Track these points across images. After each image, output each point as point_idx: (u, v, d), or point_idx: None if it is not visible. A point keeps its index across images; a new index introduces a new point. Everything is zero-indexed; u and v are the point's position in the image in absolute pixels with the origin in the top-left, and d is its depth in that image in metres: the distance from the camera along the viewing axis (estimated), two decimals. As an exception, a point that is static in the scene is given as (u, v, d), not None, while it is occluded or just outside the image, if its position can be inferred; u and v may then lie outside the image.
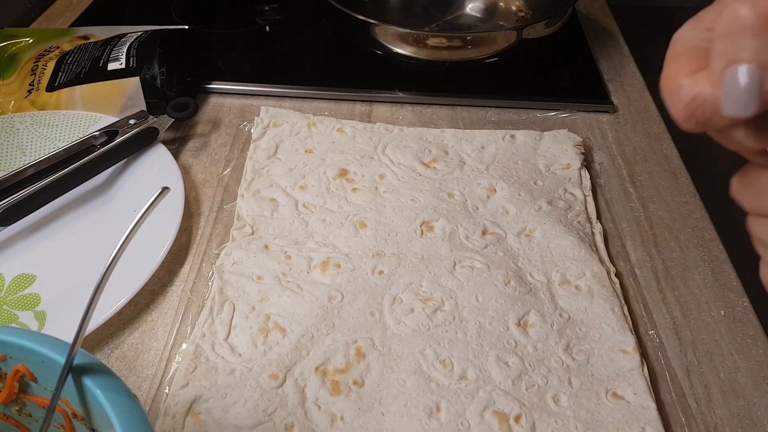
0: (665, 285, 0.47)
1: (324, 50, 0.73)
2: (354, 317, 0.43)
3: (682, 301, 0.46)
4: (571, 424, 0.37)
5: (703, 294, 0.47)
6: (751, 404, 0.40)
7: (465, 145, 0.57)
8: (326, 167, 0.54)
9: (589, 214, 0.52)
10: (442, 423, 0.37)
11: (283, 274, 0.45)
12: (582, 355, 0.41)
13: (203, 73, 0.67)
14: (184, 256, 0.48)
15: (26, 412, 0.30)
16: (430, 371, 0.40)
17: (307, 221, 0.50)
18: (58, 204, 0.51)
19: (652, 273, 0.48)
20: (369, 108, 0.63)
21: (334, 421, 0.37)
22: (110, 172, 0.54)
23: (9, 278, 0.46)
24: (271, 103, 0.64)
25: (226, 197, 0.53)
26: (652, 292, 0.47)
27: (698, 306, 0.46)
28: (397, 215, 0.50)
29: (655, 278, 0.48)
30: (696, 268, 0.48)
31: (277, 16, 0.79)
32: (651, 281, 0.47)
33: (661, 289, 0.47)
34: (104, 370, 0.26)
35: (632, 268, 0.48)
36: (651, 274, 0.48)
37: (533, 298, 0.44)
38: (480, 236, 0.49)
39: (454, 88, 0.65)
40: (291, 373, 0.40)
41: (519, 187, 0.52)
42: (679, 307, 0.46)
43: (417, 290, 0.44)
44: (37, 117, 0.58)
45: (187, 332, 0.43)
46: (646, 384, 0.39)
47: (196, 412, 0.38)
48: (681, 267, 0.48)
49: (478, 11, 0.77)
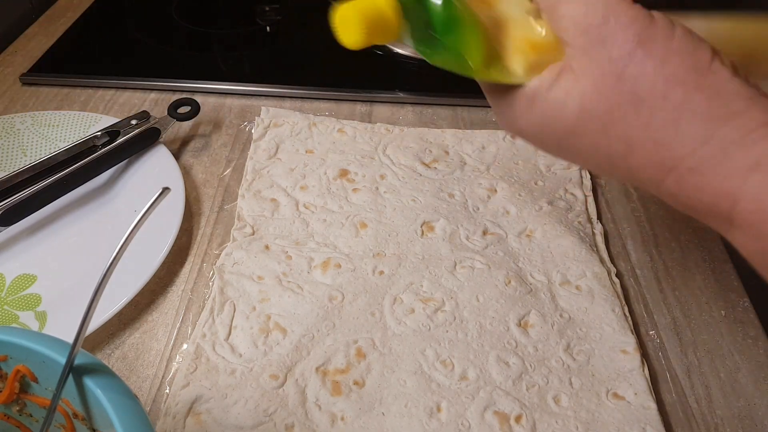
0: (666, 285, 0.47)
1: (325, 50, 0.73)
2: (355, 317, 0.43)
3: (683, 302, 0.46)
4: (571, 424, 0.37)
5: (703, 294, 0.47)
6: (752, 404, 0.40)
7: (466, 146, 0.57)
8: (327, 167, 0.54)
9: (590, 214, 0.52)
10: (443, 423, 0.37)
11: (283, 274, 0.45)
12: (582, 356, 0.41)
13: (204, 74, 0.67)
14: (184, 256, 0.48)
15: (27, 412, 0.30)
16: (431, 371, 0.40)
17: (308, 221, 0.50)
18: (59, 204, 0.51)
19: (652, 273, 0.48)
20: (369, 108, 0.63)
21: (335, 422, 0.37)
22: (111, 172, 0.54)
23: (10, 278, 0.46)
24: (272, 104, 0.64)
25: (227, 197, 0.53)
26: (652, 293, 0.47)
27: (699, 306, 0.46)
28: (397, 215, 0.50)
29: (656, 278, 0.48)
30: (697, 269, 0.48)
31: (278, 16, 0.79)
32: (652, 281, 0.47)
33: (661, 290, 0.47)
34: (105, 370, 0.26)
35: (633, 268, 0.48)
36: (651, 275, 0.48)
37: (534, 298, 0.44)
38: (480, 236, 0.49)
39: (454, 89, 0.65)
40: (291, 373, 0.40)
41: (519, 187, 0.52)
42: (679, 308, 0.46)
43: (417, 290, 0.44)
44: (37, 117, 0.58)
45: (188, 332, 0.43)
46: (647, 384, 0.39)
47: (197, 412, 0.38)
48: (682, 267, 0.48)
49: (479, 11, 0.77)
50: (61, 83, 0.66)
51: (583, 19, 0.26)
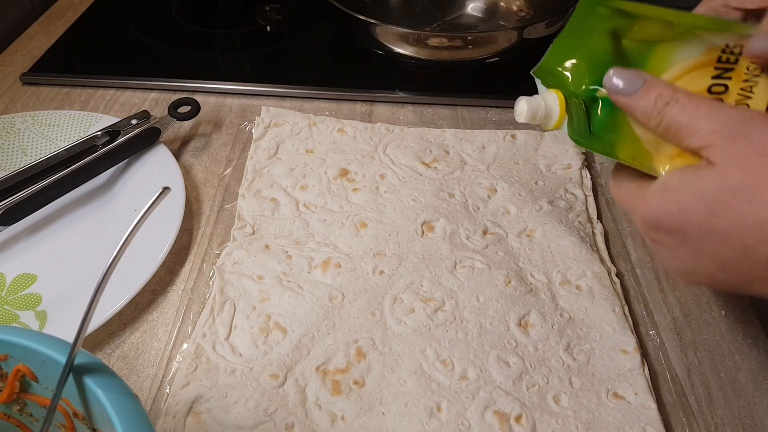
0: (666, 285, 0.47)
1: (325, 50, 0.73)
2: (355, 317, 0.43)
3: (683, 301, 0.46)
4: (571, 424, 0.37)
5: (703, 294, 0.47)
6: (752, 404, 0.40)
7: (466, 145, 0.57)
8: (327, 167, 0.54)
9: (590, 214, 0.52)
10: (443, 423, 0.37)
11: (283, 273, 0.45)
12: (583, 355, 0.41)
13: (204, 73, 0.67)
14: (185, 255, 0.48)
15: (27, 411, 0.30)
16: (431, 371, 0.40)
17: (308, 221, 0.50)
18: (60, 204, 0.51)
19: (652, 273, 0.48)
20: (370, 108, 0.64)
21: (335, 421, 0.37)
22: (111, 172, 0.54)
23: (10, 278, 0.46)
24: (272, 103, 0.64)
25: (227, 197, 0.53)
26: (652, 292, 0.47)
27: (699, 306, 0.46)
28: (397, 215, 0.50)
29: (656, 278, 0.48)
30: (697, 268, 0.48)
31: (278, 16, 0.79)
32: (652, 281, 0.47)
33: (661, 289, 0.47)
34: (105, 370, 0.26)
35: (633, 268, 0.48)
36: (652, 274, 0.48)
37: (534, 298, 0.44)
38: (481, 236, 0.49)
39: (455, 88, 0.65)
40: (292, 372, 0.40)
41: (520, 187, 0.52)
42: (679, 307, 0.46)
43: (418, 290, 0.44)
44: (38, 117, 0.58)
45: (188, 332, 0.43)
46: (647, 384, 0.39)
47: (197, 411, 0.38)
48: (682, 267, 0.48)
49: (479, 11, 0.77)
50: (62, 83, 0.66)
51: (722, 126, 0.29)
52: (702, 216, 0.29)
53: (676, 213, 0.30)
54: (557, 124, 0.35)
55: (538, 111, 0.35)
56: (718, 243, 0.29)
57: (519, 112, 0.36)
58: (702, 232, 0.29)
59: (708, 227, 0.29)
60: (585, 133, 0.34)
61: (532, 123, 0.36)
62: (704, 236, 0.29)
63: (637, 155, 0.33)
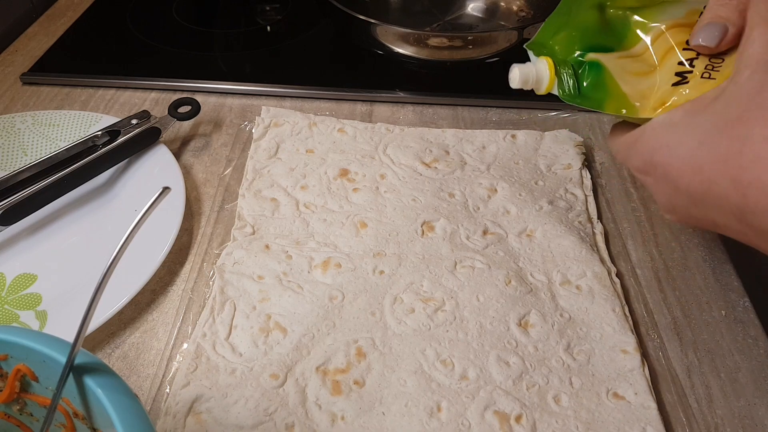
0: (666, 285, 0.47)
1: (325, 50, 0.73)
2: (355, 317, 0.43)
3: (683, 301, 0.46)
4: (571, 424, 0.37)
5: (704, 294, 0.47)
6: (752, 404, 0.40)
7: (466, 145, 0.57)
8: (327, 167, 0.54)
9: (590, 214, 0.52)
10: (443, 423, 0.37)
11: (284, 273, 0.45)
12: (583, 355, 0.41)
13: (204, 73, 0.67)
14: (185, 255, 0.48)
15: (27, 411, 0.30)
16: (431, 371, 0.40)
17: (308, 221, 0.50)
18: (60, 204, 0.51)
19: (653, 273, 0.48)
20: (370, 108, 0.64)
21: (335, 421, 0.37)
22: (111, 172, 0.54)
23: (10, 278, 0.46)
24: (272, 103, 0.64)
25: (227, 197, 0.53)
26: (653, 292, 0.47)
27: (699, 306, 0.46)
28: (397, 215, 0.50)
29: (656, 278, 0.48)
30: (697, 268, 0.48)
31: (278, 16, 0.79)
32: (652, 281, 0.47)
33: (662, 289, 0.47)
34: (105, 370, 0.26)
35: (633, 268, 0.48)
36: (652, 274, 0.48)
37: (534, 298, 0.44)
38: (481, 236, 0.49)
39: (455, 88, 0.65)
40: (292, 372, 0.40)
41: (520, 187, 0.52)
42: (680, 307, 0.46)
43: (418, 290, 0.44)
44: (38, 116, 0.58)
45: (188, 332, 0.43)
46: (647, 384, 0.39)
47: (197, 411, 0.38)
48: (682, 267, 0.48)
49: (479, 11, 0.77)
50: (62, 83, 0.66)
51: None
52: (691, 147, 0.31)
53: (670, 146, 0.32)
54: (548, 87, 0.39)
55: (529, 76, 0.39)
56: (690, 175, 0.31)
57: (512, 78, 0.40)
58: (684, 163, 0.31)
59: (690, 158, 0.31)
60: (575, 93, 0.38)
61: (524, 88, 0.40)
62: (682, 168, 0.31)
63: (623, 106, 0.36)
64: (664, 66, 0.36)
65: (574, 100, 0.38)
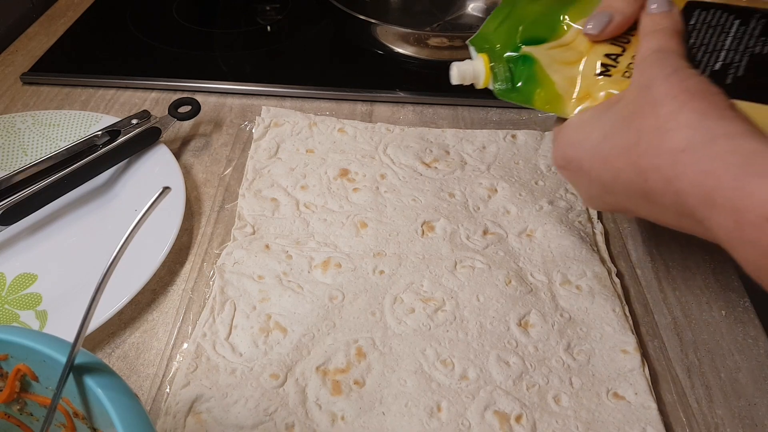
0: (666, 285, 0.47)
1: (325, 50, 0.73)
2: (355, 317, 0.43)
3: (683, 301, 0.46)
4: (571, 424, 0.37)
5: (704, 294, 0.47)
6: (752, 404, 0.40)
7: (466, 145, 0.57)
8: (327, 167, 0.54)
9: (590, 214, 0.52)
10: (443, 423, 0.37)
11: (284, 273, 0.45)
12: (583, 355, 0.41)
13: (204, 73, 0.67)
14: (185, 255, 0.48)
15: (27, 411, 0.30)
16: (431, 371, 0.40)
17: (308, 221, 0.50)
18: (60, 204, 0.51)
19: (653, 273, 0.48)
20: (370, 108, 0.64)
21: (335, 421, 0.37)
22: (111, 171, 0.54)
23: (10, 278, 0.46)
24: (273, 103, 0.64)
25: (228, 197, 0.53)
26: (653, 292, 0.47)
27: (699, 306, 0.46)
28: (398, 215, 0.50)
29: (656, 278, 0.48)
30: (697, 268, 0.48)
31: (278, 15, 0.79)
32: (652, 281, 0.47)
33: (662, 289, 0.47)
34: (105, 370, 0.26)
35: (633, 268, 0.48)
36: (652, 274, 0.48)
37: (534, 298, 0.44)
38: (481, 236, 0.49)
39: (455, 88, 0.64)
40: (292, 372, 0.40)
41: (520, 187, 0.52)
42: (680, 307, 0.46)
43: (418, 290, 0.44)
44: (38, 116, 0.58)
45: (188, 332, 0.43)
46: (647, 384, 0.39)
47: (197, 411, 0.38)
48: (682, 267, 0.48)
49: (480, 11, 0.78)
50: (62, 82, 0.66)
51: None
52: (597, 141, 0.34)
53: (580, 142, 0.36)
54: (485, 82, 0.42)
55: (467, 73, 0.42)
56: (600, 166, 0.34)
57: (452, 75, 0.43)
58: (592, 156, 0.34)
59: (597, 151, 0.34)
60: (507, 88, 0.41)
61: (464, 84, 0.43)
62: (592, 160, 0.34)
63: (550, 99, 0.39)
64: (591, 55, 0.38)
65: (509, 96, 0.40)
